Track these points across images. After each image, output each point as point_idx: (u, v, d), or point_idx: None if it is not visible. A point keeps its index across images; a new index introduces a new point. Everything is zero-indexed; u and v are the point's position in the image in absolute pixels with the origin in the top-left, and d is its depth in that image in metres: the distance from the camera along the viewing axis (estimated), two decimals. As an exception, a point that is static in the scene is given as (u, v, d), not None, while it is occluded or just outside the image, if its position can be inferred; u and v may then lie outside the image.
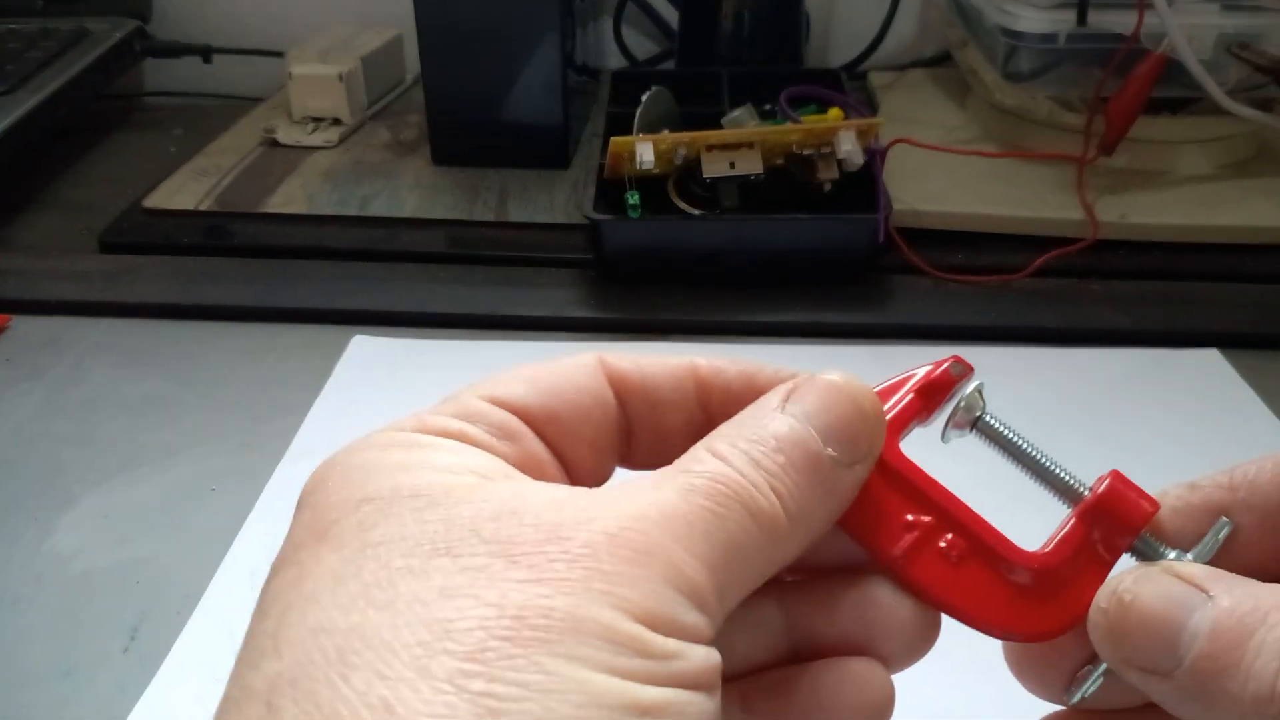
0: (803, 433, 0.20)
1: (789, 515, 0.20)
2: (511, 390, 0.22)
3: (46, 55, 0.68)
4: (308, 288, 0.54)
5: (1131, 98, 0.55)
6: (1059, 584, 0.22)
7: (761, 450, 0.20)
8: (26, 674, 0.33)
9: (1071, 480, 0.24)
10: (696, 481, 0.19)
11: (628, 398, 0.23)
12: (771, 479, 0.20)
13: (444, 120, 0.65)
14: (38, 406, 0.46)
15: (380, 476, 0.19)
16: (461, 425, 0.21)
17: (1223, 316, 0.52)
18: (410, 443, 0.20)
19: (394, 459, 0.20)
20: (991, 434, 0.25)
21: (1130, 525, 0.22)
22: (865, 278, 0.54)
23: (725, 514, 0.19)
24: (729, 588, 0.19)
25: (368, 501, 0.19)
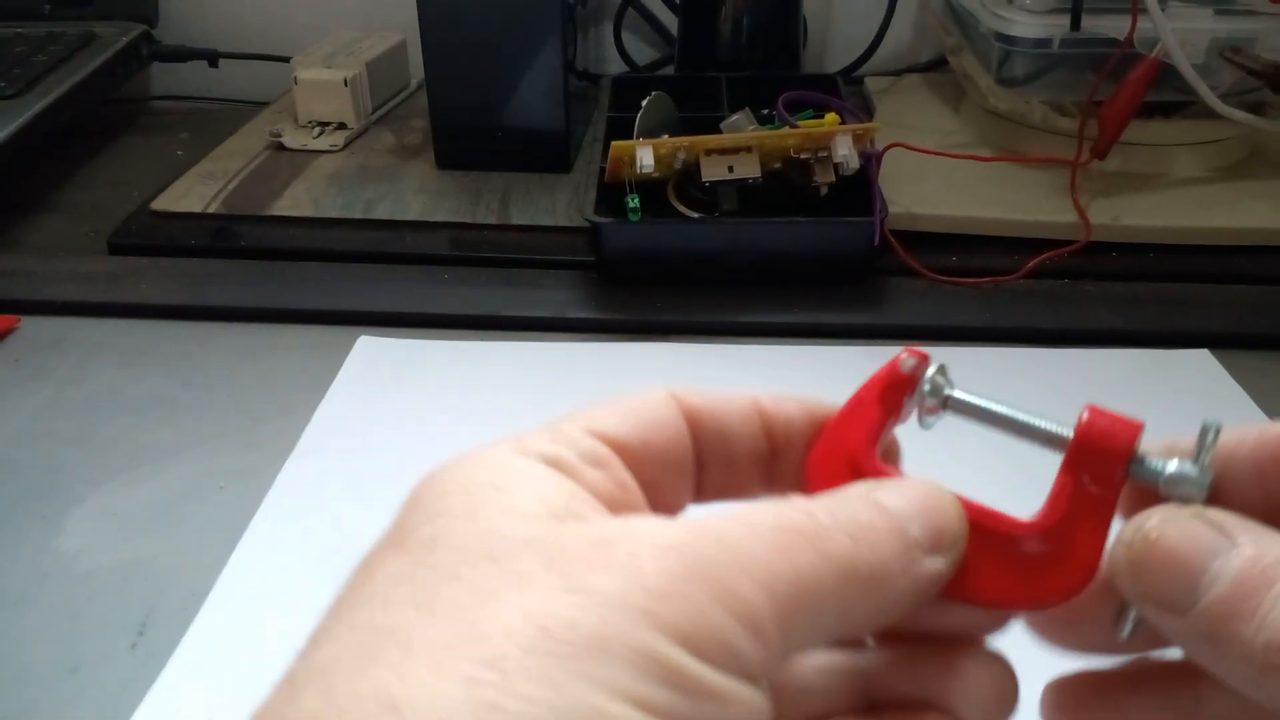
0: (888, 507, 0.20)
1: (870, 569, 0.19)
2: (604, 422, 0.22)
3: (53, 59, 0.69)
4: (313, 289, 0.55)
5: (1125, 102, 0.56)
6: (1067, 538, 0.22)
7: (841, 507, 0.19)
8: (32, 672, 0.34)
9: (1055, 429, 0.23)
10: (765, 517, 0.18)
11: (700, 429, 0.23)
12: (850, 525, 0.19)
13: (447, 125, 0.66)
14: (45, 406, 0.47)
15: (462, 494, 0.19)
16: (557, 450, 0.21)
17: (1214, 317, 0.52)
18: (502, 464, 0.20)
19: (481, 478, 0.20)
20: (965, 408, 0.24)
21: (1117, 454, 0.22)
22: (861, 280, 0.55)
23: (795, 550, 0.18)
24: (794, 626, 0.18)
25: (442, 515, 0.19)
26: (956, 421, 0.25)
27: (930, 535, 0.20)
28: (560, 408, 0.50)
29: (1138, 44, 0.55)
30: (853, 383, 0.52)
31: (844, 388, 0.52)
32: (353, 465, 0.43)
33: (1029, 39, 0.59)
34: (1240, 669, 0.18)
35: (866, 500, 0.20)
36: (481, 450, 0.21)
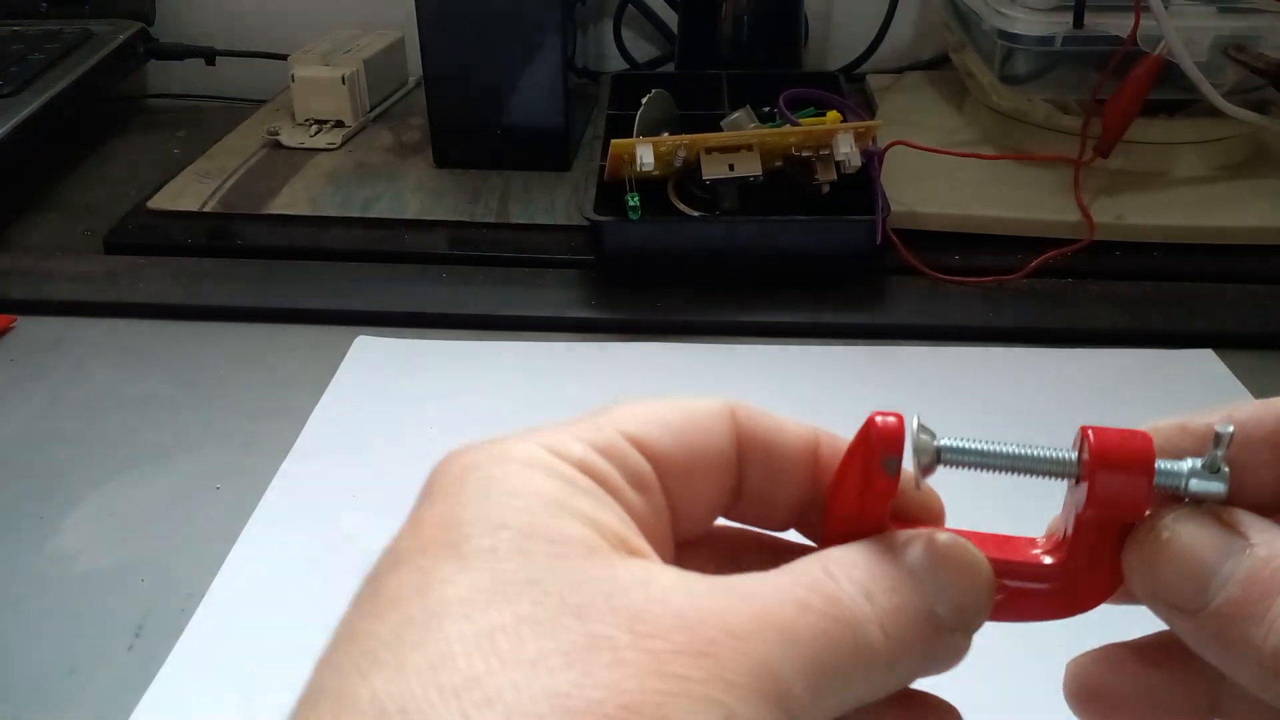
0: (919, 582, 0.20)
1: (889, 656, 0.19)
2: (650, 433, 0.21)
3: (50, 58, 0.69)
4: (311, 289, 0.54)
5: (1128, 100, 0.55)
6: (1090, 566, 0.21)
7: (877, 585, 0.19)
8: (30, 673, 0.34)
9: (1062, 455, 0.22)
10: (813, 600, 0.19)
11: (749, 457, 0.22)
12: (883, 616, 0.19)
13: (446, 122, 0.66)
14: (42, 406, 0.46)
15: (520, 501, 0.19)
16: (605, 468, 0.20)
17: (1218, 317, 0.52)
18: (554, 471, 0.20)
19: (536, 484, 0.19)
20: (959, 457, 0.22)
21: (1140, 473, 0.20)
22: (863, 279, 0.55)
23: (838, 640, 0.18)
24: (821, 711, 0.18)
25: (505, 528, 0.18)
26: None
27: (955, 612, 0.20)
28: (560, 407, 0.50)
29: (1141, 42, 0.55)
30: (853, 383, 0.52)
31: (844, 388, 0.52)
32: (350, 465, 0.42)
33: (1032, 37, 0.58)
34: (1249, 671, 0.18)
35: (898, 565, 0.20)
36: (523, 444, 0.20)
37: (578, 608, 0.17)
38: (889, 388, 0.47)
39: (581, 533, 0.19)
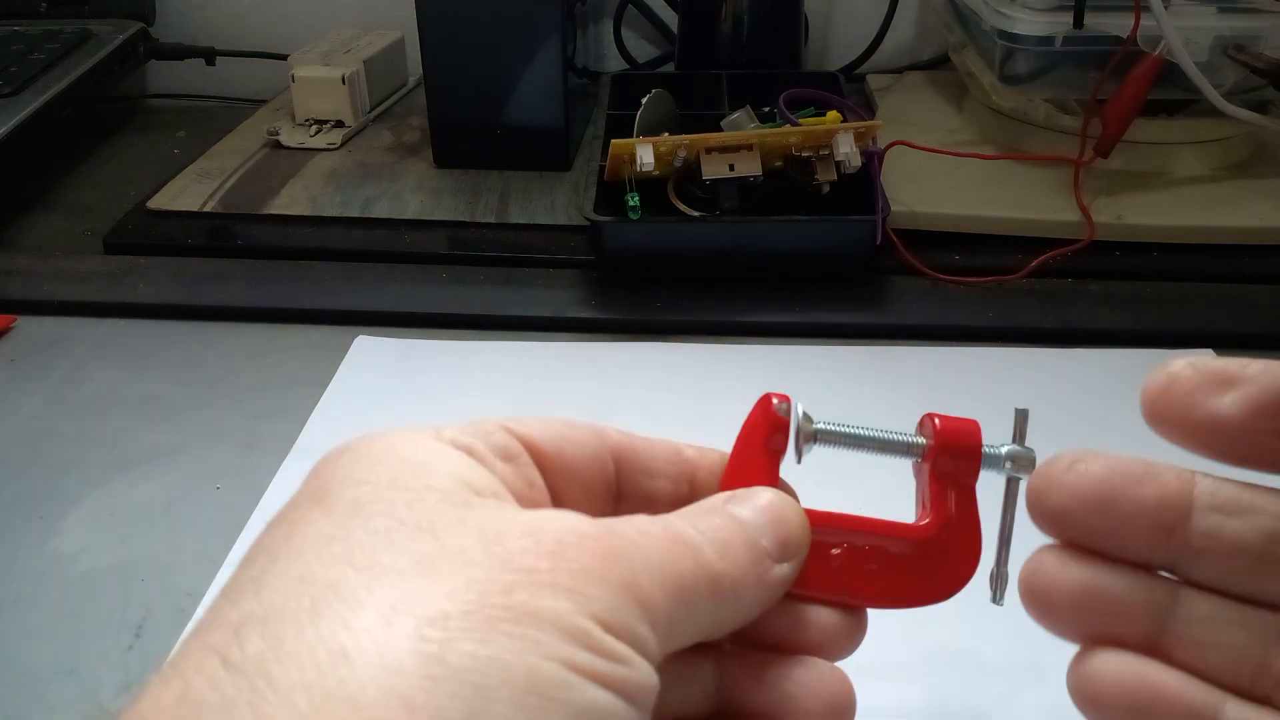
0: (744, 523, 0.23)
1: (730, 580, 0.22)
2: (523, 424, 0.24)
3: (50, 57, 0.68)
4: (311, 289, 0.54)
5: (1128, 100, 0.55)
6: (952, 536, 0.26)
7: (712, 524, 0.22)
8: (30, 673, 0.34)
9: (909, 440, 0.27)
10: (654, 528, 0.21)
11: (623, 465, 0.25)
12: (720, 545, 0.22)
13: (446, 123, 0.66)
14: (42, 406, 0.46)
15: (384, 464, 0.21)
16: (470, 440, 0.22)
17: (1218, 317, 0.52)
18: (419, 444, 0.22)
19: (402, 453, 0.21)
20: (831, 438, 0.27)
21: (974, 450, 0.26)
22: (863, 279, 0.55)
23: (680, 557, 0.21)
24: (675, 625, 0.20)
25: (366, 483, 0.20)
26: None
27: (778, 546, 0.23)
28: (560, 407, 0.50)
29: (1141, 42, 0.55)
30: (853, 383, 0.52)
31: (844, 388, 0.52)
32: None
33: (1032, 37, 0.58)
34: None
35: (725, 515, 0.23)
36: (395, 430, 0.22)
37: (432, 528, 0.19)
38: (889, 388, 0.47)
39: (443, 484, 0.21)
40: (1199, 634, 0.24)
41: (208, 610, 0.19)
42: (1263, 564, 0.23)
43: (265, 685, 0.16)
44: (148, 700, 0.17)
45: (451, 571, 0.18)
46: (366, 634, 0.17)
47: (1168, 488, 0.25)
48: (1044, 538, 0.24)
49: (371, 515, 0.19)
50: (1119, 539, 0.25)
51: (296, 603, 0.18)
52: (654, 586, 0.20)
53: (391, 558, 0.18)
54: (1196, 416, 0.24)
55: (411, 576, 0.18)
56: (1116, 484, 0.25)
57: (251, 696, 0.16)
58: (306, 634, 0.17)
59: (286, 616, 0.17)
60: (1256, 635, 0.24)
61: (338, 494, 0.20)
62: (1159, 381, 0.24)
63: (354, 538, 0.19)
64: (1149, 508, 0.24)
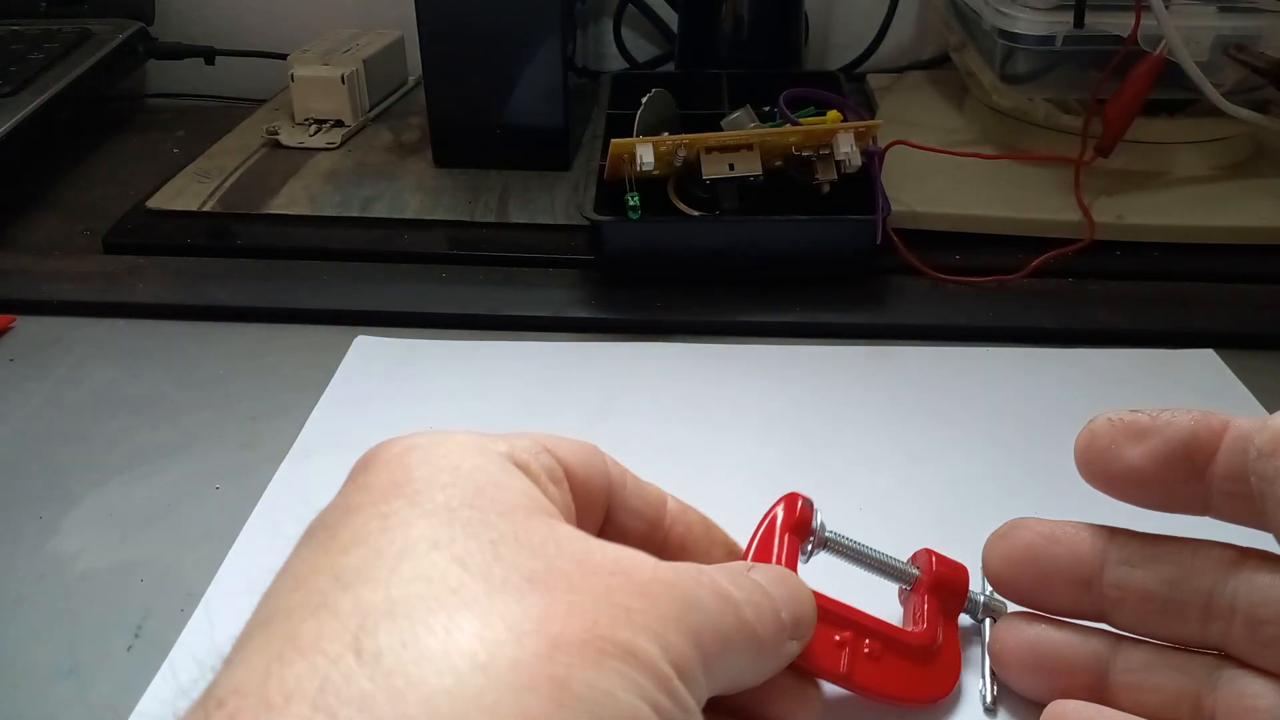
0: (770, 592, 0.24)
1: (760, 641, 0.23)
2: (561, 445, 0.25)
3: (49, 57, 0.68)
4: (310, 288, 0.54)
5: (1128, 100, 0.55)
6: (939, 648, 0.30)
7: (746, 584, 0.24)
8: (29, 673, 0.34)
9: (904, 569, 0.32)
10: (704, 578, 0.22)
11: (618, 496, 0.26)
12: (755, 607, 0.23)
13: (445, 122, 0.66)
14: (41, 406, 0.46)
15: (463, 470, 0.21)
16: (529, 459, 0.23)
17: (1219, 317, 0.52)
18: (488, 452, 0.22)
19: (475, 461, 0.22)
20: (838, 548, 0.31)
21: (960, 588, 0.31)
22: (863, 279, 0.54)
23: (726, 612, 0.22)
24: (716, 670, 0.22)
25: (452, 486, 0.21)
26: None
27: (793, 622, 0.25)
28: (560, 407, 0.50)
29: (1141, 41, 0.55)
30: (853, 383, 0.52)
31: (845, 388, 0.52)
32: (350, 465, 0.42)
33: (1032, 36, 0.58)
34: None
35: (754, 581, 0.24)
36: (453, 434, 0.23)
37: (531, 547, 0.20)
38: (889, 388, 0.47)
39: (521, 499, 0.21)
40: (1137, 680, 0.27)
41: (286, 591, 0.19)
42: (1169, 609, 0.26)
43: (405, 685, 0.17)
44: (272, 681, 0.17)
45: (561, 595, 0.19)
46: (500, 647, 0.17)
47: (1081, 545, 0.28)
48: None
49: (469, 522, 0.20)
50: (1046, 595, 0.28)
51: (421, 603, 0.18)
52: (712, 638, 0.21)
53: (503, 571, 0.19)
54: (1114, 469, 0.27)
55: (527, 593, 0.19)
56: (1038, 546, 0.28)
57: (390, 694, 0.16)
58: (440, 637, 0.17)
59: (415, 616, 0.18)
60: (1188, 677, 0.26)
61: (427, 494, 0.20)
62: (1083, 437, 0.27)
63: (459, 544, 0.19)
64: (1064, 565, 0.27)
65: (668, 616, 0.20)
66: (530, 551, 0.20)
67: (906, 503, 0.40)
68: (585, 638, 0.18)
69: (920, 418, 0.45)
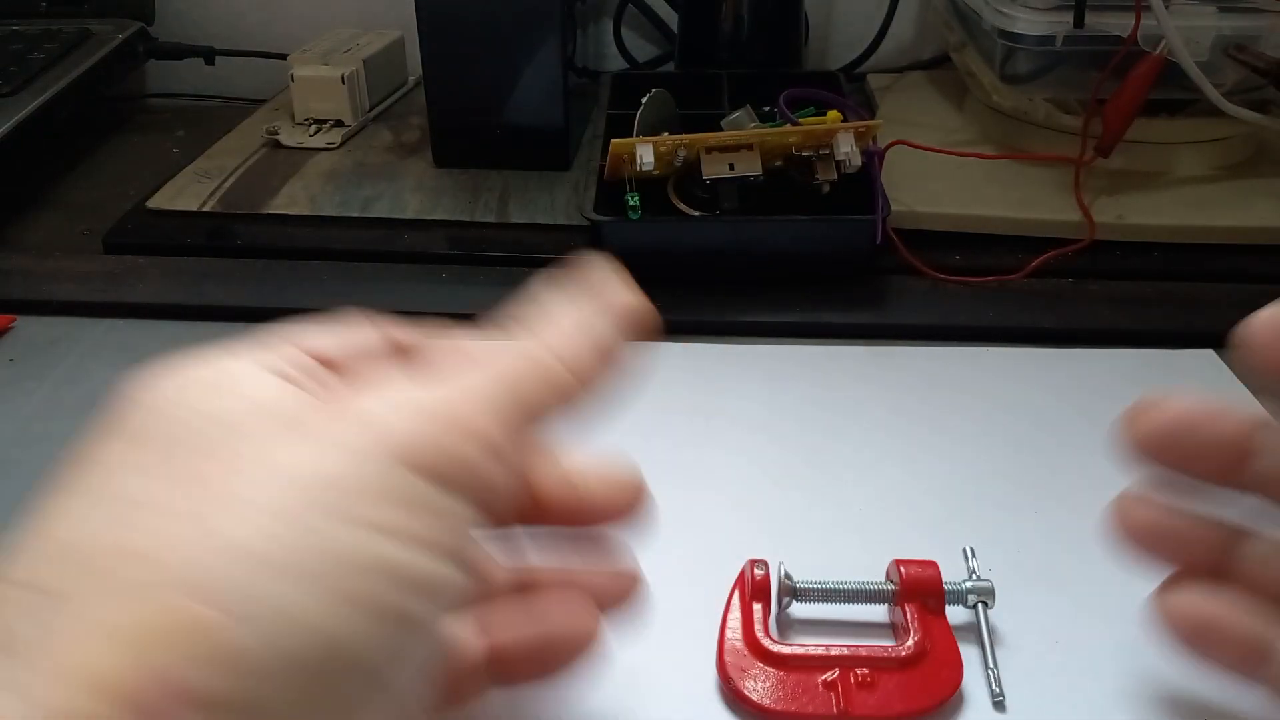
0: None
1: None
2: (317, 340, 0.25)
3: (49, 57, 0.68)
4: (310, 288, 0.54)
5: (1128, 100, 0.55)
6: (934, 651, 0.31)
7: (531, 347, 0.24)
8: (31, 671, 0.34)
9: (880, 588, 0.33)
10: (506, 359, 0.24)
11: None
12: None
13: (446, 122, 0.66)
14: (41, 406, 0.46)
15: (195, 390, 0.23)
16: (273, 360, 0.24)
17: (1219, 317, 0.52)
18: (223, 368, 0.23)
19: (207, 375, 0.23)
20: (811, 594, 0.33)
21: (934, 586, 0.32)
22: (863, 279, 0.54)
23: (522, 378, 0.23)
24: (520, 439, 0.22)
25: (176, 407, 0.23)
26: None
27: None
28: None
29: (1141, 41, 0.55)
30: (853, 383, 0.52)
31: (844, 388, 0.52)
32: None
33: (1032, 36, 0.58)
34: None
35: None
36: (192, 362, 0.23)
37: (244, 431, 0.21)
38: (889, 388, 0.47)
39: (262, 394, 0.22)
40: (1262, 564, 0.27)
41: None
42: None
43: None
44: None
45: (266, 460, 0.20)
46: (174, 540, 0.19)
47: (1232, 420, 0.27)
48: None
49: (182, 432, 0.22)
50: (1198, 462, 0.28)
51: (105, 517, 0.20)
52: (494, 423, 0.22)
53: (207, 466, 0.20)
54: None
55: (227, 479, 0.20)
56: (1194, 413, 0.28)
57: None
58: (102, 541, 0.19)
59: (91, 529, 0.20)
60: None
61: (147, 427, 0.22)
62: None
63: (159, 461, 0.22)
64: (1219, 432, 0.27)
65: (439, 438, 0.20)
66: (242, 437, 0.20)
67: (907, 503, 0.40)
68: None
69: (920, 418, 0.45)
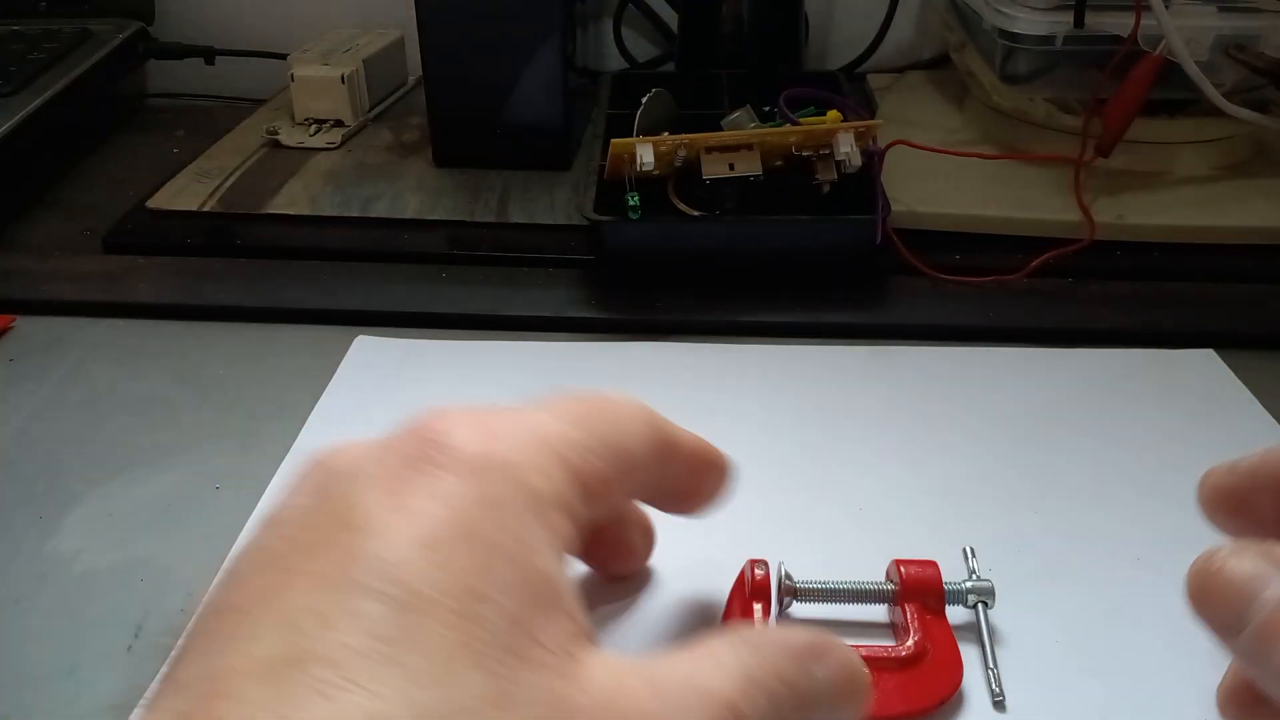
0: (818, 698, 0.23)
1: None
2: (601, 461, 0.24)
3: (50, 57, 0.68)
4: (310, 288, 0.54)
5: (1128, 99, 0.55)
6: (934, 651, 0.31)
7: (778, 695, 0.22)
8: (30, 673, 0.34)
9: (880, 588, 0.33)
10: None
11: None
12: (769, 714, 0.22)
13: (446, 122, 0.66)
14: (41, 406, 0.46)
15: (460, 563, 0.20)
16: (569, 499, 0.23)
17: (1219, 317, 0.52)
18: (509, 513, 0.21)
19: (480, 533, 0.20)
20: (810, 594, 0.33)
21: (934, 585, 0.32)
22: (864, 278, 0.54)
23: None
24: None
25: (437, 591, 0.19)
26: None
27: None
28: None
29: (1141, 41, 0.55)
30: (853, 383, 0.52)
31: (845, 388, 0.52)
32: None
33: (1032, 36, 0.58)
34: (1272, 687, 0.20)
35: (806, 689, 0.23)
36: (452, 457, 0.21)
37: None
38: (889, 388, 0.47)
39: (528, 603, 0.20)
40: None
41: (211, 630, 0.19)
42: None
43: None
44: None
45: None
46: None
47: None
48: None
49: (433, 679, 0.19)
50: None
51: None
52: None
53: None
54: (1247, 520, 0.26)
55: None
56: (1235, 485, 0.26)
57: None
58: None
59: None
60: None
61: (377, 609, 0.19)
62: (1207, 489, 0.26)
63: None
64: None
65: None
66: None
67: (906, 502, 0.40)
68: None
69: (920, 418, 0.45)
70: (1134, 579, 0.36)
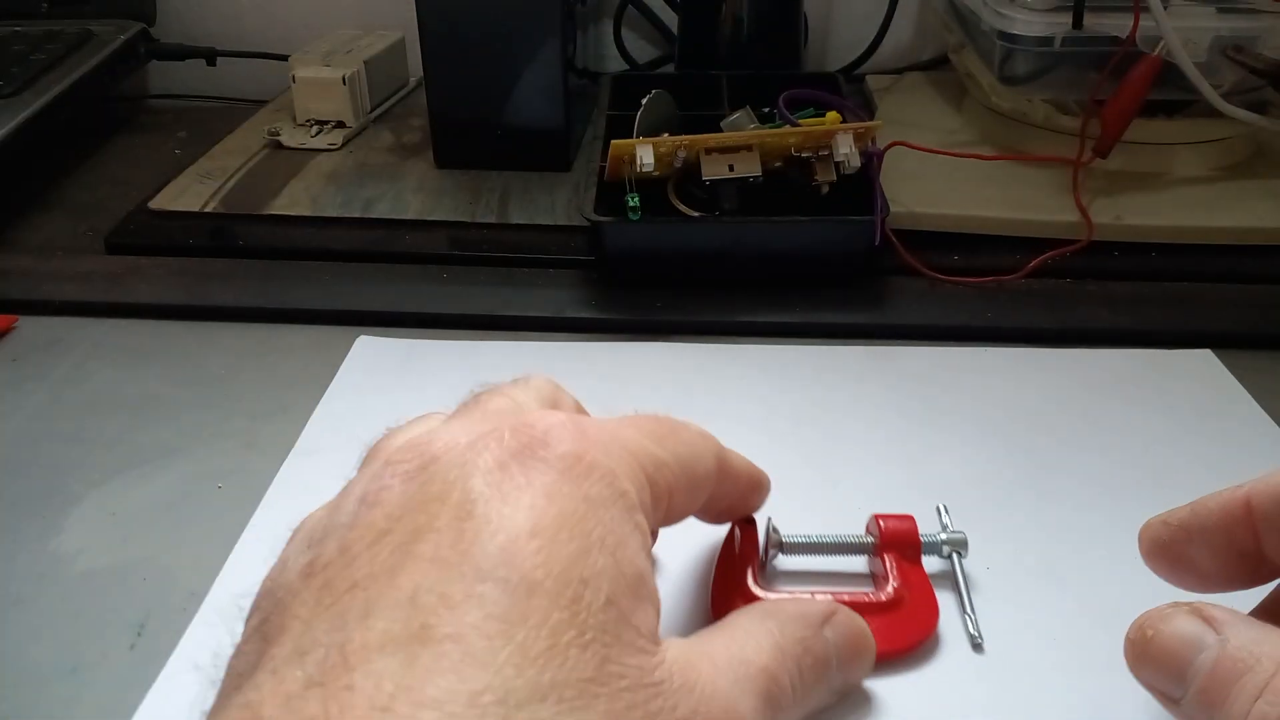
0: (831, 656, 0.27)
1: (793, 694, 0.26)
2: (676, 481, 0.26)
3: (51, 58, 0.69)
4: (312, 289, 0.55)
5: (1127, 100, 0.55)
6: (911, 596, 0.33)
7: (803, 659, 0.26)
8: (31, 672, 0.34)
9: (860, 541, 0.35)
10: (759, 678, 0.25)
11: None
12: (797, 675, 0.26)
13: (447, 123, 0.66)
14: (43, 406, 0.47)
15: (565, 559, 0.21)
16: (648, 503, 0.24)
17: (1217, 317, 0.52)
18: (606, 508, 0.23)
19: (581, 530, 0.22)
20: (795, 548, 0.35)
21: (911, 537, 0.34)
22: (862, 279, 0.55)
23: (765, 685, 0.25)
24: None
25: (539, 584, 0.21)
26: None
27: (851, 678, 0.29)
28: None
29: (1140, 42, 0.55)
30: (853, 383, 0.52)
31: (844, 388, 0.52)
32: (351, 465, 0.42)
33: (1031, 37, 0.58)
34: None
35: (818, 650, 0.27)
36: (540, 455, 0.23)
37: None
38: (889, 388, 0.47)
39: (625, 611, 0.22)
40: None
41: (302, 632, 0.20)
42: None
43: None
44: None
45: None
46: None
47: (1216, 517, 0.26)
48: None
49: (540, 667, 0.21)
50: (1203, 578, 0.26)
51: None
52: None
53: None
54: (1188, 574, 0.26)
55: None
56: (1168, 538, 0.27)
57: None
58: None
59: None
60: None
61: (489, 602, 0.20)
62: (1145, 541, 0.27)
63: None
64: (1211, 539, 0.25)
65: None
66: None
67: (906, 502, 0.40)
68: None
69: (919, 418, 0.45)
70: (1134, 579, 0.36)
